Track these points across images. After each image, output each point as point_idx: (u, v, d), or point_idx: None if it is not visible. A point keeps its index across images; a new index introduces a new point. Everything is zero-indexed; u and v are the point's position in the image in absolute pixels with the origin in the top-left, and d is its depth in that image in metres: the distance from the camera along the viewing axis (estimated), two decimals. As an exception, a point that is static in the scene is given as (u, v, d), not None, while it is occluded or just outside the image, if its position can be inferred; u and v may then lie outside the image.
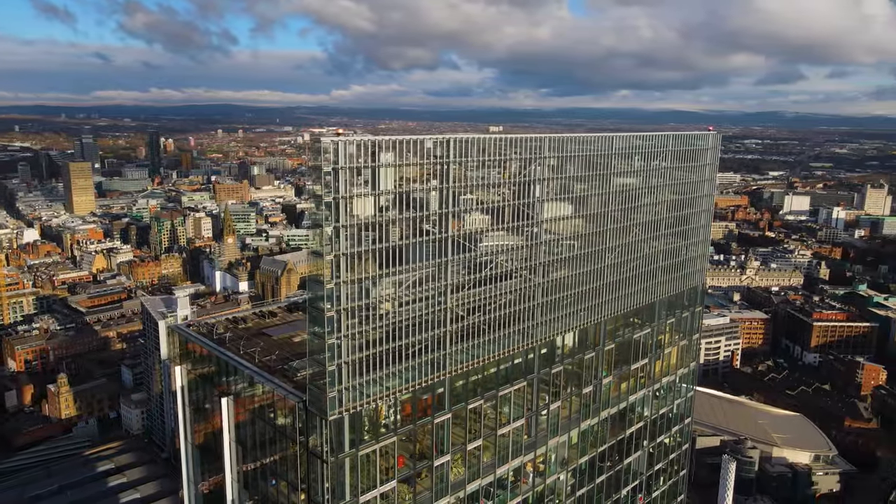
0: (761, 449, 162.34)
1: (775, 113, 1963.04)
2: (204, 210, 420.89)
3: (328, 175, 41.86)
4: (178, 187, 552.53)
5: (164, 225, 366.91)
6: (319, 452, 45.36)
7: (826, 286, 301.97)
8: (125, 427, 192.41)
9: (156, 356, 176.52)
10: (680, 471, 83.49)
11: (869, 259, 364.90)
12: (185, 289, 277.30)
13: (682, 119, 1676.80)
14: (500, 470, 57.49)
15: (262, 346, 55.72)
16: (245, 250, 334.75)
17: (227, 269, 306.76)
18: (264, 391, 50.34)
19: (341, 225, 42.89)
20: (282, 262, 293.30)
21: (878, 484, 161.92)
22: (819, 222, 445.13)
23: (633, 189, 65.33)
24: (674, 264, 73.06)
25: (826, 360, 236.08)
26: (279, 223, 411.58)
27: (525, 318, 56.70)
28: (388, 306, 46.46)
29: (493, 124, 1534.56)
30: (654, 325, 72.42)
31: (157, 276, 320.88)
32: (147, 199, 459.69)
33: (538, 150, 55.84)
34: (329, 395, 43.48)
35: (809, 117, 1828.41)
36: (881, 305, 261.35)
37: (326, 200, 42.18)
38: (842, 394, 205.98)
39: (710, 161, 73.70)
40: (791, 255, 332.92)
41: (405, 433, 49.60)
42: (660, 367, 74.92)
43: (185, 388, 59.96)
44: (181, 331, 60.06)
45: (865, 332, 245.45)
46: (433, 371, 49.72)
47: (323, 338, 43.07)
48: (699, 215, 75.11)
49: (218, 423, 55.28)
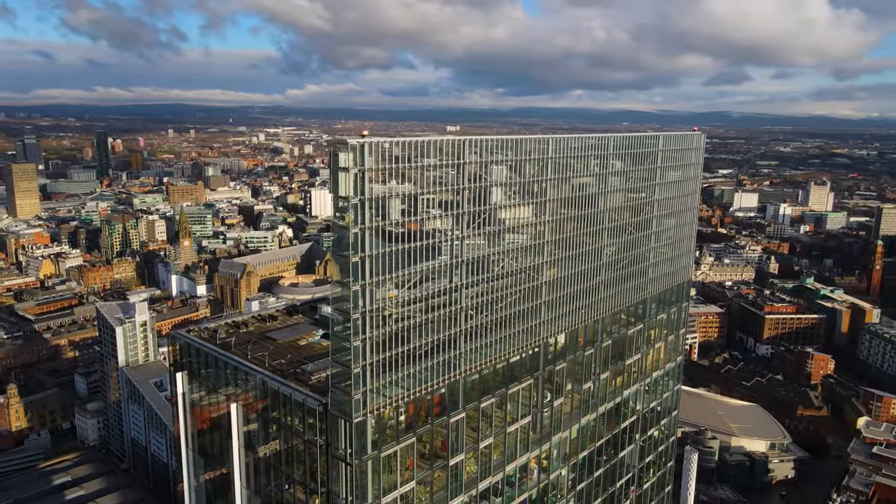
0: (720, 439, 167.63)
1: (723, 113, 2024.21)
2: (157, 212, 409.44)
3: (353, 177, 41.87)
4: (128, 189, 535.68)
5: (116, 228, 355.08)
6: (342, 455, 45.28)
7: (776, 280, 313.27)
8: (80, 438, 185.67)
9: (112, 363, 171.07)
10: (668, 462, 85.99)
11: (814, 253, 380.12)
12: (140, 294, 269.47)
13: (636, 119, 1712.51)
14: (509, 467, 58.46)
15: (271, 350, 55.12)
16: (202, 253, 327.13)
17: (183, 272, 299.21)
18: (280, 395, 49.60)
19: (367, 227, 43.03)
20: (241, 264, 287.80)
21: (831, 468, 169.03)
22: (767, 218, 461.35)
23: (628, 188, 67.12)
24: (664, 261, 75.31)
25: (778, 351, 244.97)
26: (236, 225, 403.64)
27: (531, 316, 57.70)
28: (411, 307, 46.90)
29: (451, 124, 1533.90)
30: (645, 321, 74.55)
31: (109, 280, 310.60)
32: (96, 202, 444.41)
33: (543, 152, 56.85)
34: (354, 398, 43.61)
35: (755, 117, 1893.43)
36: (827, 298, 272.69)
37: (353, 202, 42.19)
38: (794, 383, 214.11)
39: (695, 160, 76.18)
40: (742, 251, 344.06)
41: (424, 433, 49.93)
42: (650, 362, 77.04)
43: (186, 394, 58.55)
44: (183, 337, 58.61)
45: (814, 323, 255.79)
46: (449, 371, 50.36)
47: (348, 340, 43.16)
48: (686, 213, 77.61)
49: (225, 430, 54.40)
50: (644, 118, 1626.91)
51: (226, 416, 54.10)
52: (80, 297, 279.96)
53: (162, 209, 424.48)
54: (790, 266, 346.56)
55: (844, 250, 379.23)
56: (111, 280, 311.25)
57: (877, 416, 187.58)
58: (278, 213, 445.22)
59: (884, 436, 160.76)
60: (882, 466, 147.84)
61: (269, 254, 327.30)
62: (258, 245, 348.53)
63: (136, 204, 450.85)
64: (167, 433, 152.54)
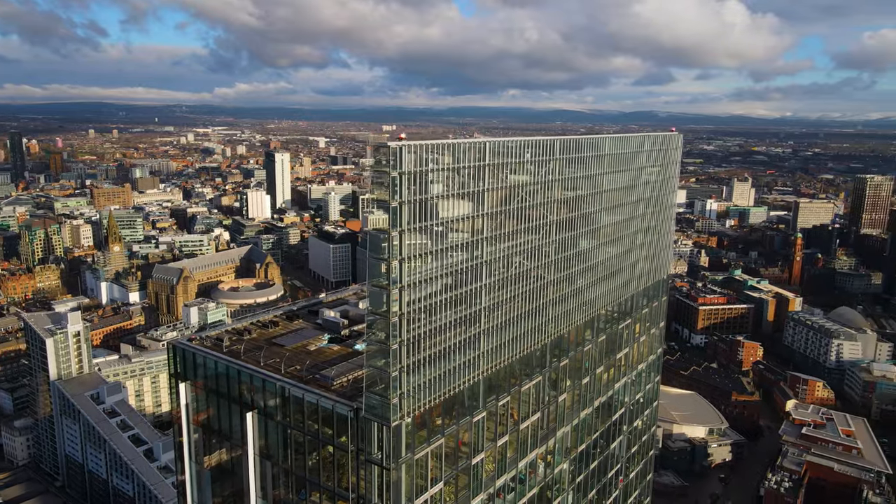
0: (663, 427, 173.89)
1: (650, 112, 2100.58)
2: (82, 217, 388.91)
3: (392, 179, 41.78)
4: (48, 192, 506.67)
5: (37, 234, 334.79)
6: (378, 459, 44.97)
7: (707, 273, 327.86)
8: (7, 457, 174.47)
9: (42, 377, 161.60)
10: (649, 451, 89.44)
11: (740, 246, 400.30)
12: (66, 302, 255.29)
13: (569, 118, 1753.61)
14: (521, 464, 59.42)
15: (283, 356, 53.76)
16: (133, 258, 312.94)
17: (114, 279, 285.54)
18: (304, 402, 48.47)
19: (405, 229, 43.15)
20: (177, 269, 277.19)
21: (765, 450, 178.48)
22: (695, 214, 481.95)
23: (619, 188, 69.16)
24: (649, 257, 78.50)
25: (711, 340, 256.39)
26: (169, 229, 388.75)
27: (539, 314, 58.87)
28: (441, 307, 47.23)
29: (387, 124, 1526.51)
30: (633, 316, 77.25)
31: (31, 289, 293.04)
32: (13, 206, 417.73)
33: (551, 153, 57.99)
34: (392, 402, 43.67)
35: (679, 117, 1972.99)
36: (754, 288, 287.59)
37: (392, 205, 42.17)
38: (727, 371, 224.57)
39: (674, 159, 79.71)
40: (675, 245, 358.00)
41: (450, 434, 50.13)
42: (636, 355, 79.90)
43: (190, 406, 56.21)
44: (184, 346, 56.13)
45: (743, 313, 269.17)
46: (472, 370, 50.89)
47: (386, 343, 43.14)
48: (667, 210, 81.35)
49: (237, 440, 52.78)
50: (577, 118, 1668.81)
51: (239, 426, 52.54)
52: (0, 308, 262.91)
53: (87, 213, 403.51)
54: (719, 259, 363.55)
55: (767, 243, 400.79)
56: (33, 289, 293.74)
57: (803, 399, 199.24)
58: (213, 215, 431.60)
59: (811, 417, 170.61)
60: (811, 446, 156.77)
61: (206, 258, 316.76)
62: (193, 249, 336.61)
63: (57, 208, 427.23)
64: (106, 448, 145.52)
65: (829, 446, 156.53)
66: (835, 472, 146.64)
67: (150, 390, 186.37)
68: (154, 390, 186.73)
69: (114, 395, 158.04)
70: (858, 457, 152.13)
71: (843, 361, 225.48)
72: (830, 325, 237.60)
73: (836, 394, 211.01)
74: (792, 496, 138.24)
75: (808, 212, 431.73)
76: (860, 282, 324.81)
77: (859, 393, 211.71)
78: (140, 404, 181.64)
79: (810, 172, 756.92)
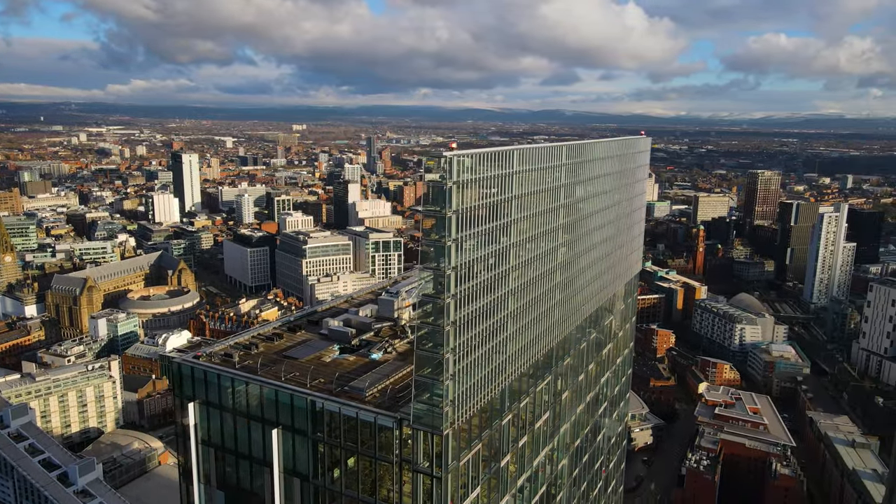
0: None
1: (556, 111, 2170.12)
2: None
3: (446, 190, 41.70)
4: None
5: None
6: (426, 469, 44.69)
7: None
8: None
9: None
10: (623, 441, 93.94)
11: (648, 239, 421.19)
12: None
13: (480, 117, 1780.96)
14: (535, 462, 60.31)
15: (303, 370, 51.87)
16: (28, 269, 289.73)
17: (6, 291, 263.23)
18: (340, 416, 47.20)
19: (459, 238, 43.35)
20: (79, 279, 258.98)
21: (682, 431, 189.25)
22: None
23: (610, 190, 71.83)
24: (627, 255, 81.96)
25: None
26: (66, 236, 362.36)
27: (551, 315, 60.05)
28: (482, 315, 47.70)
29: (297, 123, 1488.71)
30: (614, 312, 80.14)
31: None
32: None
33: (567, 158, 59.51)
34: (444, 410, 43.74)
35: (584, 115, 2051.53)
36: (664, 279, 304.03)
37: (448, 216, 42.13)
38: (644, 358, 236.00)
39: (644, 161, 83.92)
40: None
41: (486, 438, 50.45)
42: (615, 350, 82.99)
43: (199, 426, 53.08)
44: (194, 364, 52.79)
45: (655, 302, 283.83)
46: (502, 374, 51.27)
47: (439, 353, 43.22)
48: (639, 210, 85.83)
49: (257, 458, 50.88)
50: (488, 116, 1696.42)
51: (260, 443, 50.40)
52: None
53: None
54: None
55: (671, 236, 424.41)
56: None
57: (713, 381, 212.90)
58: (115, 220, 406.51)
59: (722, 397, 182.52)
60: (724, 425, 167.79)
61: (111, 266, 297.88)
62: (96, 257, 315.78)
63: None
64: (14, 476, 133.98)
65: (739, 424, 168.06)
66: (746, 447, 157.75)
67: (57, 410, 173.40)
68: (62, 410, 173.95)
69: (19, 417, 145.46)
70: (766, 432, 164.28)
71: (745, 344, 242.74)
72: (733, 311, 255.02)
73: (741, 374, 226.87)
74: (710, 473, 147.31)
75: (707, 205, 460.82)
76: (755, 270, 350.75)
77: (761, 373, 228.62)
78: (47, 426, 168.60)
79: (705, 168, 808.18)
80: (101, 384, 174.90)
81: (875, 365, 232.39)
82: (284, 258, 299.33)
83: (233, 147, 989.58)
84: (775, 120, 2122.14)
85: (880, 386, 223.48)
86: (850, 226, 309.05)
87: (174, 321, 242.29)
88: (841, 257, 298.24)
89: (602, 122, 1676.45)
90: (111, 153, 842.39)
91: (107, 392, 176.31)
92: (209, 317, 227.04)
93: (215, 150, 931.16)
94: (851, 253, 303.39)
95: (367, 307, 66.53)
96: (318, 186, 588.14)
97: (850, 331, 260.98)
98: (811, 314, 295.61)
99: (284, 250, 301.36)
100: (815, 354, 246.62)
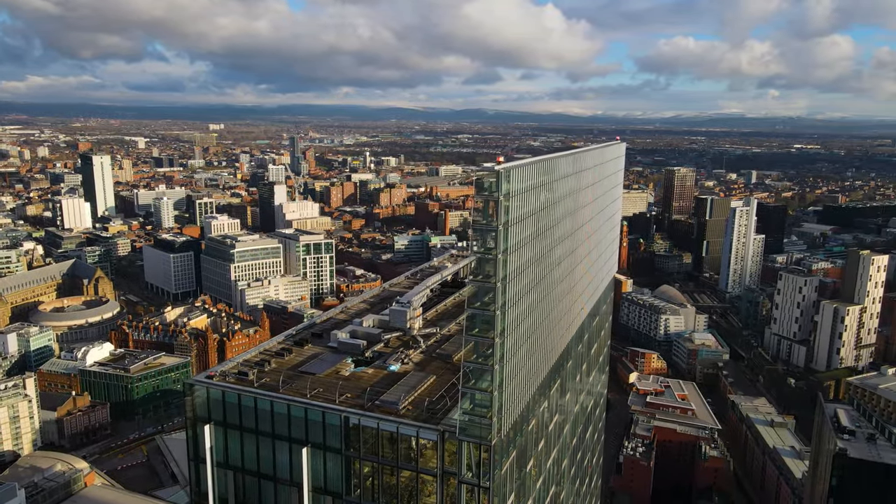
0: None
1: (479, 110, 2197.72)
2: None
3: (495, 203, 41.96)
4: None
5: None
6: (473, 480, 44.57)
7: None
8: None
9: None
10: (601, 436, 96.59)
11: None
12: None
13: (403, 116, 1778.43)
14: (548, 464, 60.92)
15: (339, 385, 50.28)
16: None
17: None
18: (379, 431, 46.62)
19: (508, 250, 43.69)
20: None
21: (618, 421, 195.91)
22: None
23: (601, 195, 73.73)
24: (609, 256, 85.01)
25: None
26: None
27: (564, 319, 61.24)
28: (521, 323, 48.28)
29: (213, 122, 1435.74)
30: (599, 312, 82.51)
31: None
32: None
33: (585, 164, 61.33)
34: (494, 421, 44.04)
35: (506, 114, 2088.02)
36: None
37: (497, 227, 42.31)
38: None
39: (621, 166, 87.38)
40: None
41: (520, 445, 50.64)
42: (598, 349, 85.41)
43: (214, 448, 50.51)
44: (211, 385, 50.35)
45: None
46: (530, 381, 51.72)
47: (489, 364, 43.68)
48: (618, 212, 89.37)
49: (283, 478, 49.22)
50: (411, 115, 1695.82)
51: (287, 463, 48.67)
52: None
53: None
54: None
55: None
56: None
57: (643, 370, 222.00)
58: (19, 227, 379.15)
59: (652, 386, 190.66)
60: (656, 412, 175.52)
61: (17, 276, 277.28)
62: (0, 267, 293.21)
63: None
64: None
65: (669, 411, 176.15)
66: (678, 433, 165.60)
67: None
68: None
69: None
70: (694, 417, 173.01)
71: (670, 334, 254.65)
72: (658, 303, 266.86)
73: (667, 363, 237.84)
74: (646, 459, 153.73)
75: (628, 201, 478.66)
76: (674, 262, 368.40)
77: (685, 360, 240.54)
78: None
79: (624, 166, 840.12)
80: (15, 404, 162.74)
81: (786, 348, 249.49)
82: (211, 263, 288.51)
83: (146, 148, 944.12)
84: (684, 119, 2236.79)
85: (791, 368, 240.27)
86: (758, 219, 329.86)
87: (93, 333, 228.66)
88: (752, 249, 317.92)
89: (523, 121, 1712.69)
90: (9, 154, 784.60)
91: (22, 412, 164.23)
92: (132, 327, 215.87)
93: (126, 150, 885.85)
94: (761, 244, 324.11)
95: (369, 317, 65.10)
96: (241, 188, 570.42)
97: (763, 317, 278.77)
98: (727, 303, 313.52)
99: (211, 255, 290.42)
100: (733, 341, 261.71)
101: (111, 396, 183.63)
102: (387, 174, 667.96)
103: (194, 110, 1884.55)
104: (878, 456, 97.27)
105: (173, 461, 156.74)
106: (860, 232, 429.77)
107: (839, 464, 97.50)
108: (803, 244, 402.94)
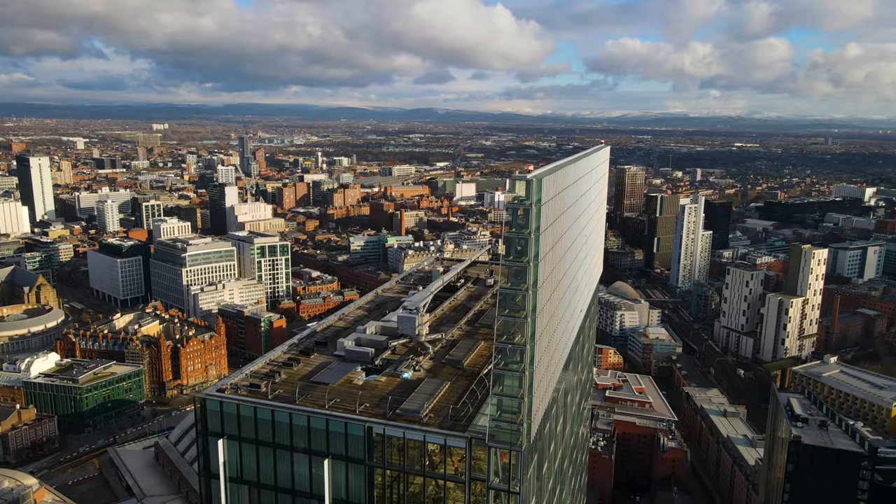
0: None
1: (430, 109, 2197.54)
2: None
3: (526, 211, 42.33)
4: None
5: None
6: (502, 486, 45.16)
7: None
8: None
9: None
10: (588, 433, 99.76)
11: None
12: None
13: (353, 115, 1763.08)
14: (555, 465, 61.46)
15: (356, 395, 49.40)
16: None
17: None
18: (406, 440, 46.32)
19: (539, 257, 43.83)
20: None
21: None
22: (486, 205, 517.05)
23: (591, 199, 73.89)
24: (597, 257, 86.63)
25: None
26: None
27: (571, 320, 61.66)
28: (547, 327, 48.41)
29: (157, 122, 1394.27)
30: (592, 311, 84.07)
31: None
32: None
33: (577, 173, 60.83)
34: (524, 427, 44.35)
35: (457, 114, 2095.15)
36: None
37: (528, 235, 42.79)
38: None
39: (606, 169, 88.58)
40: (475, 236, 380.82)
41: (540, 449, 50.79)
42: (587, 347, 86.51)
43: (227, 463, 49.22)
44: (224, 399, 48.75)
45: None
46: (548, 384, 51.95)
47: (520, 371, 43.91)
48: (604, 214, 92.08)
49: (303, 490, 48.48)
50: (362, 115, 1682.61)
51: (306, 476, 47.82)
52: None
53: None
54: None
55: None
56: None
57: (600, 366, 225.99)
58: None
59: (611, 381, 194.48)
60: (615, 406, 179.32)
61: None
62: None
63: None
64: None
65: (628, 404, 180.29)
66: (637, 425, 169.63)
67: None
68: None
69: None
70: (652, 410, 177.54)
71: (625, 329, 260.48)
72: (614, 299, 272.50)
73: (623, 357, 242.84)
74: (608, 453, 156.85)
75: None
76: (627, 259, 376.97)
77: (640, 354, 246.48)
78: None
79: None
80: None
81: (734, 340, 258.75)
82: (161, 268, 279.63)
83: (85, 148, 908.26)
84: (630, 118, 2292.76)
85: (740, 359, 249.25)
86: (705, 216, 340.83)
87: (36, 343, 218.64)
88: (700, 244, 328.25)
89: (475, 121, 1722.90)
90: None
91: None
92: (79, 336, 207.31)
93: (65, 151, 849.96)
94: (709, 240, 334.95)
95: (371, 324, 63.96)
96: (189, 190, 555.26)
97: (712, 311, 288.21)
98: (678, 297, 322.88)
99: (161, 259, 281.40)
100: (685, 334, 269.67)
101: (59, 409, 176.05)
102: (340, 174, 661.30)
103: (136, 109, 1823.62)
104: (831, 442, 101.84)
105: (128, 473, 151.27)
106: (799, 227, 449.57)
107: (794, 450, 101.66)
108: (747, 239, 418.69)
